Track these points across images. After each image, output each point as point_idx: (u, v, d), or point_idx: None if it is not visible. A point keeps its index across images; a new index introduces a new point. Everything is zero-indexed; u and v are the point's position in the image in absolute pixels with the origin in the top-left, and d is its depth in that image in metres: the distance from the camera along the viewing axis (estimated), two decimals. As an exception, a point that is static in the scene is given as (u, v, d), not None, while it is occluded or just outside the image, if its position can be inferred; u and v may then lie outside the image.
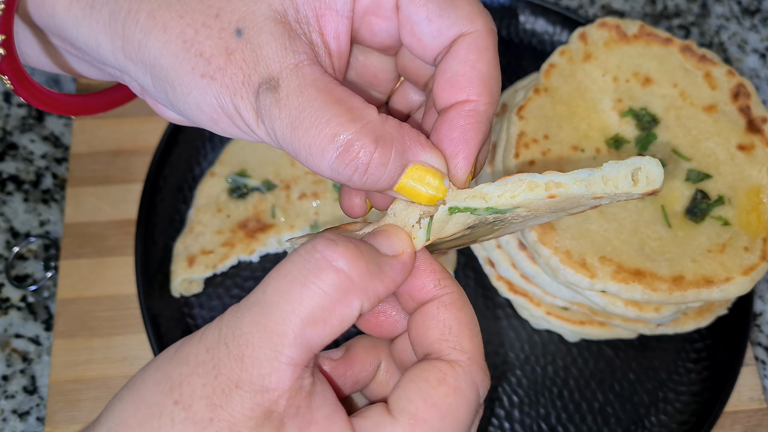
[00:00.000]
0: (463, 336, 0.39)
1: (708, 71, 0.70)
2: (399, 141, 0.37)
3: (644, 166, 0.39)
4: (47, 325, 0.75)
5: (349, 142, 0.35)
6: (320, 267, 0.35)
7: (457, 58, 0.40)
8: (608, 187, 0.40)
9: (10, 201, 0.80)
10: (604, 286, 0.61)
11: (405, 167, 0.37)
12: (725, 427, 0.71)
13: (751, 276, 0.62)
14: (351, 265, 0.35)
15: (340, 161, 0.36)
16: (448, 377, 0.37)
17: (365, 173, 0.36)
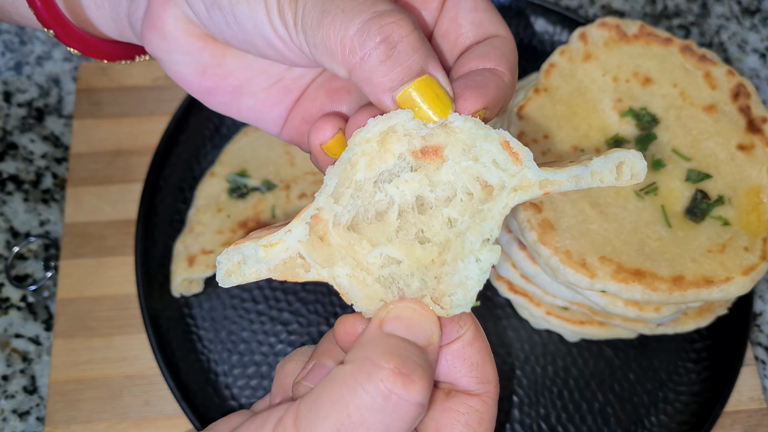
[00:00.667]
0: (486, 368, 0.41)
1: (708, 71, 0.70)
2: (428, 45, 0.37)
3: (628, 160, 0.41)
4: (47, 325, 0.75)
5: (388, 12, 0.36)
6: (403, 410, 0.36)
7: (489, 44, 0.41)
8: (594, 180, 0.41)
9: (10, 201, 0.80)
10: (604, 286, 0.61)
11: (422, 72, 0.37)
12: (725, 427, 0.71)
13: (751, 276, 0.62)
14: (427, 394, 0.36)
15: (373, 23, 0.35)
16: (484, 414, 0.40)
17: (392, 50, 0.36)
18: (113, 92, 0.85)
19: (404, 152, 0.43)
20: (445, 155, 0.42)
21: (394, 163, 0.43)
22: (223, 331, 0.73)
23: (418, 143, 0.43)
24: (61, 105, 0.86)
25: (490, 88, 0.39)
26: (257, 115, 0.47)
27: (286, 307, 0.74)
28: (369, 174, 0.43)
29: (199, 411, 0.68)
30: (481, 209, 0.43)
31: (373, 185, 0.43)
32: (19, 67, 0.88)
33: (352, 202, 0.43)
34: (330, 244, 0.43)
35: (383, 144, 0.43)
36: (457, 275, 0.43)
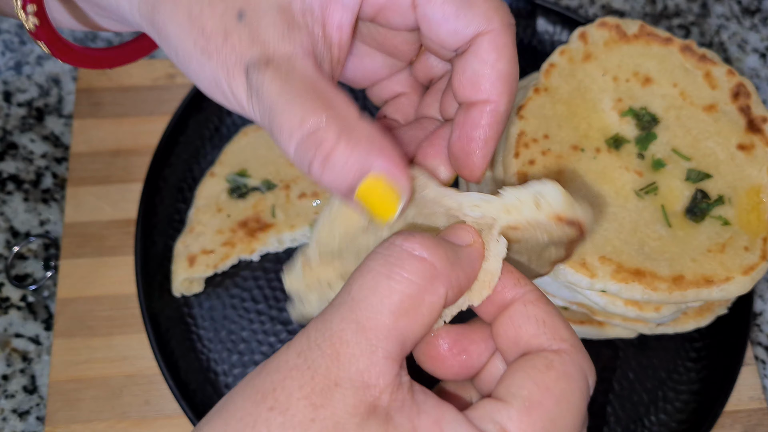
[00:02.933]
0: (558, 326, 0.38)
1: (708, 71, 0.70)
2: (369, 142, 0.36)
3: (543, 191, 0.39)
4: (47, 325, 0.75)
5: (316, 126, 0.36)
6: (402, 257, 0.35)
7: (477, 58, 0.40)
8: (512, 215, 0.40)
9: (10, 200, 0.81)
10: (604, 285, 0.61)
11: (366, 171, 0.37)
12: (725, 427, 0.72)
13: (751, 275, 0.62)
14: (431, 252, 0.35)
15: (305, 144, 0.36)
16: (556, 363, 0.36)
17: (325, 163, 0.36)
18: (113, 92, 0.85)
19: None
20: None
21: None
22: (223, 331, 0.73)
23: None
24: (61, 105, 0.86)
25: (490, 141, 0.41)
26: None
27: (286, 307, 0.75)
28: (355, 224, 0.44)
29: (199, 410, 0.68)
30: None
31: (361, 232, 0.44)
32: (19, 67, 0.88)
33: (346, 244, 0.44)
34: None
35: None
36: None
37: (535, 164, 0.64)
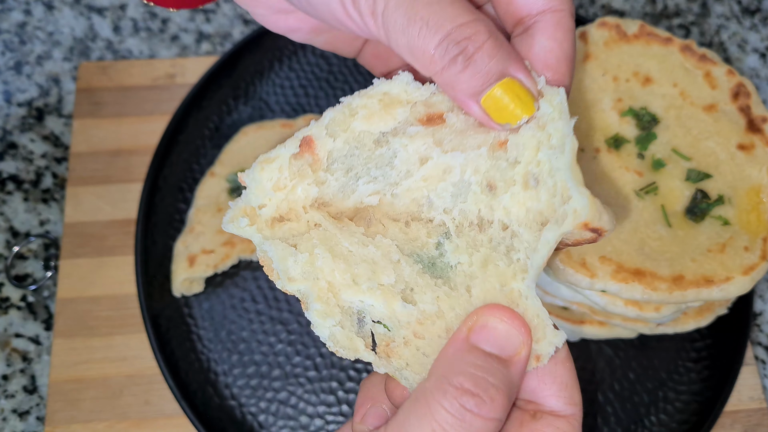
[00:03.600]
0: (575, 390, 0.41)
1: (708, 71, 0.70)
2: (509, 48, 0.39)
3: (572, 201, 0.40)
4: (47, 325, 0.75)
5: (467, 24, 0.38)
6: (482, 429, 0.38)
7: (545, 34, 0.42)
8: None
9: (10, 200, 0.80)
10: (604, 285, 0.61)
11: (503, 75, 0.39)
12: (725, 427, 0.71)
13: (751, 276, 0.62)
14: (502, 410, 0.38)
15: (452, 38, 0.38)
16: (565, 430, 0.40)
17: (469, 60, 0.38)
18: (113, 92, 0.85)
19: (408, 118, 0.44)
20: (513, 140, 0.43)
21: (394, 125, 0.44)
22: (222, 331, 0.73)
23: (422, 110, 0.44)
24: (61, 104, 0.86)
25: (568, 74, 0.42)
26: (334, 47, 0.51)
27: (285, 307, 0.74)
28: (367, 127, 0.44)
29: (199, 410, 0.68)
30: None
31: (373, 143, 0.44)
32: (19, 67, 0.88)
33: (347, 151, 0.44)
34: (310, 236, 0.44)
35: (386, 107, 0.44)
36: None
37: (535, 164, 0.64)
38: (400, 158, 0.45)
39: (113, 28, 0.91)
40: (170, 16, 0.92)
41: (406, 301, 0.43)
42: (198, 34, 0.91)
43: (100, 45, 0.90)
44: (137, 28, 0.91)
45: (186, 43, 0.91)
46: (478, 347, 0.40)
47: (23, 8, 0.92)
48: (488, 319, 0.40)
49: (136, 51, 0.90)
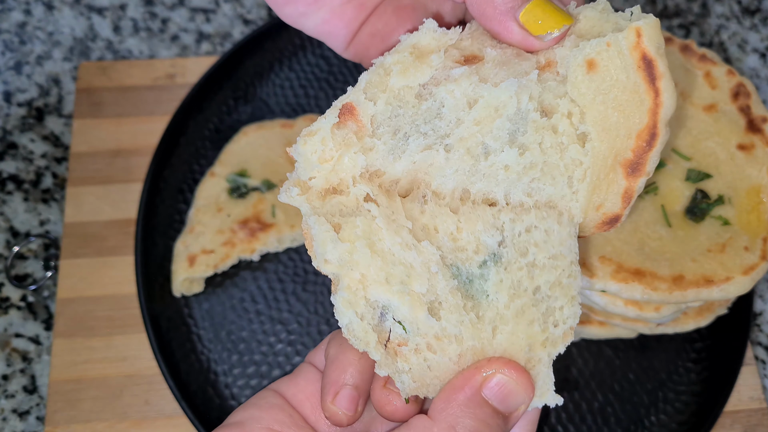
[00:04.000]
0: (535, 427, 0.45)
1: (708, 71, 0.70)
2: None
3: (635, 17, 0.41)
4: (47, 325, 0.75)
5: None
6: None
7: None
8: (591, 35, 0.42)
9: (10, 200, 0.80)
10: (604, 285, 0.61)
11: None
12: (725, 427, 0.71)
13: (751, 276, 0.62)
14: None
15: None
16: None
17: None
18: (113, 92, 0.85)
19: (445, 63, 0.44)
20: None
21: (431, 74, 0.43)
22: (222, 331, 0.73)
23: (457, 54, 0.43)
24: (61, 105, 0.86)
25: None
26: (328, 29, 0.49)
27: (285, 307, 0.74)
28: (405, 82, 0.43)
29: (199, 411, 0.68)
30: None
31: (416, 98, 0.43)
32: (19, 67, 0.88)
33: (390, 112, 0.43)
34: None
35: (419, 57, 0.43)
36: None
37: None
38: (448, 106, 0.43)
39: (113, 28, 0.91)
40: (170, 16, 0.92)
41: (432, 314, 0.43)
42: (198, 34, 0.91)
43: (100, 45, 0.90)
44: (137, 28, 0.91)
45: (186, 43, 0.91)
46: (489, 403, 0.41)
47: (23, 8, 0.92)
48: (504, 375, 0.41)
49: (136, 51, 0.90)
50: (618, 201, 0.43)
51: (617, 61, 0.41)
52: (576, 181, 0.43)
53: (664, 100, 0.41)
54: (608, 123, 0.42)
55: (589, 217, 0.44)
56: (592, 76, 0.42)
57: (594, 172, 0.43)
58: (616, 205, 0.43)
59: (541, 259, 0.43)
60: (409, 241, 0.43)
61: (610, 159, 0.43)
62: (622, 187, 0.43)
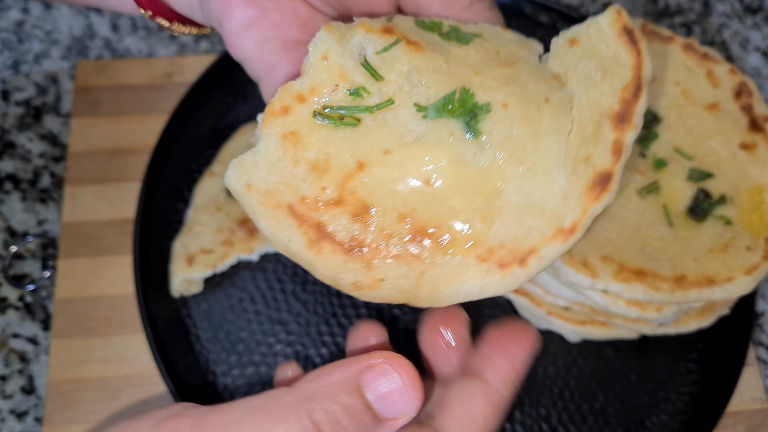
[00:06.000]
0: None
1: (710, 69, 0.69)
2: None
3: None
4: (45, 325, 0.74)
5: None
6: None
7: None
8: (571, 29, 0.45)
9: (8, 200, 0.80)
10: (606, 285, 0.61)
11: None
12: (727, 428, 0.71)
13: (753, 276, 0.62)
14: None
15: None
16: None
17: None
18: (111, 91, 0.84)
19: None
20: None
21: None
22: (221, 331, 0.73)
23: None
24: (59, 104, 0.85)
25: None
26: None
27: (284, 308, 0.74)
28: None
29: (198, 411, 0.68)
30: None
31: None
32: (17, 66, 0.88)
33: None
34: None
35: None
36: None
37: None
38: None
39: (111, 26, 0.91)
40: (169, 14, 0.92)
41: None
42: (197, 33, 0.91)
43: (98, 44, 0.89)
44: (135, 27, 0.91)
45: (184, 42, 0.90)
46: (364, 393, 0.37)
47: (21, 7, 0.91)
48: (393, 371, 0.38)
49: (134, 50, 0.89)
50: (608, 155, 0.40)
51: (597, 35, 0.43)
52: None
53: (645, 60, 0.42)
54: (592, 81, 0.42)
55: (580, 172, 0.41)
56: (574, 49, 0.44)
57: (580, 124, 0.41)
58: (606, 160, 0.40)
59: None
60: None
61: (596, 114, 0.41)
62: (610, 140, 0.41)
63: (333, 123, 0.41)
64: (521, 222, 0.40)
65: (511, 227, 0.40)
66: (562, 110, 0.42)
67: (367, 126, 0.41)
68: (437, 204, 0.41)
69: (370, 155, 0.41)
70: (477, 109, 0.41)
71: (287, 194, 0.41)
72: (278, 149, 0.41)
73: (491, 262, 0.40)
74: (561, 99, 0.42)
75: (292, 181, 0.41)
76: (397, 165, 0.41)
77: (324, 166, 0.41)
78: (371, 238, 0.40)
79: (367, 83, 0.42)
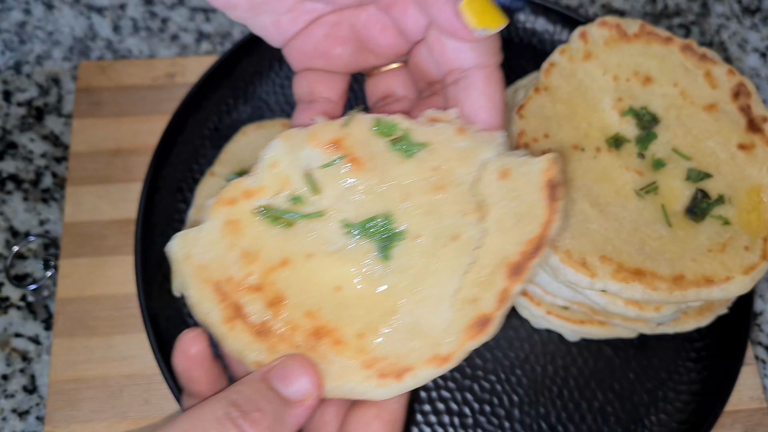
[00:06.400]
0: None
1: (708, 70, 0.70)
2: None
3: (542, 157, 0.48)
4: (47, 325, 0.75)
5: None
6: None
7: (477, 90, 0.48)
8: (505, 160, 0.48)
9: (10, 200, 0.80)
10: (605, 285, 0.61)
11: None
12: (725, 427, 0.72)
13: (751, 275, 0.62)
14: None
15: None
16: None
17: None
18: (113, 91, 0.85)
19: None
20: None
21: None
22: (222, 331, 0.73)
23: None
24: (60, 104, 0.86)
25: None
26: (264, 34, 0.54)
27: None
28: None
29: (199, 410, 0.68)
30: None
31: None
32: (18, 66, 0.88)
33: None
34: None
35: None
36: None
37: (536, 164, 0.64)
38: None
39: (113, 27, 0.91)
40: (170, 15, 0.92)
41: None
42: (198, 34, 0.91)
43: (99, 44, 0.90)
44: (137, 28, 0.91)
45: (186, 43, 0.91)
46: (269, 381, 0.43)
47: (23, 7, 0.92)
48: (291, 364, 0.44)
49: (135, 50, 0.90)
50: (494, 301, 0.45)
51: (526, 177, 0.47)
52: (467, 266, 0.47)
53: (556, 219, 0.46)
54: (505, 226, 0.46)
55: (466, 310, 0.45)
56: (503, 183, 0.47)
57: (480, 266, 0.46)
58: (491, 305, 0.45)
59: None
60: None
61: (497, 259, 0.46)
62: (500, 287, 0.45)
63: (269, 222, 0.48)
64: (406, 341, 0.45)
65: (397, 344, 0.45)
66: (466, 249, 0.46)
67: (298, 230, 0.47)
68: (340, 309, 0.46)
69: (295, 255, 0.47)
70: (393, 235, 0.47)
71: (217, 272, 0.47)
72: (219, 232, 0.48)
73: (373, 369, 0.44)
74: (470, 237, 0.46)
75: (224, 262, 0.47)
76: (315, 269, 0.47)
77: (254, 255, 0.47)
78: (279, 326, 0.46)
79: (306, 193, 0.48)
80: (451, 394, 0.70)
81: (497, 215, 0.47)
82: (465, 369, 0.71)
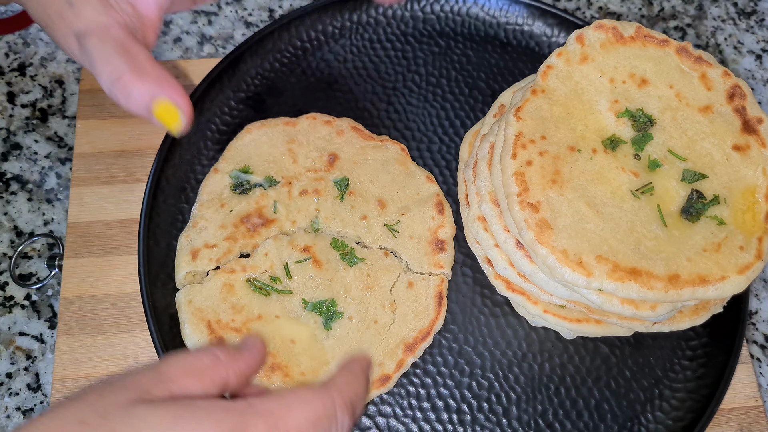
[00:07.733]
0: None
1: (704, 72, 0.70)
2: (157, 78, 0.53)
3: None
4: (51, 323, 0.76)
5: (121, 72, 0.52)
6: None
7: None
8: None
9: (15, 200, 0.81)
10: (601, 284, 0.62)
11: (155, 97, 0.52)
12: (721, 424, 0.72)
13: (746, 275, 0.63)
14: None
15: (114, 85, 0.53)
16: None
17: (127, 94, 0.52)
18: (116, 93, 0.85)
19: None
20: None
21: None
22: (224, 329, 0.74)
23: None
24: (64, 106, 0.86)
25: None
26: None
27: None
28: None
29: (202, 408, 0.69)
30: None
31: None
32: (23, 68, 0.89)
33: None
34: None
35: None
36: None
37: (532, 165, 0.65)
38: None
39: (116, 30, 0.92)
40: (173, 18, 0.93)
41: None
42: (200, 37, 0.92)
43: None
44: (140, 30, 0.92)
45: (188, 46, 0.91)
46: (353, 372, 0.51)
47: (27, 10, 0.92)
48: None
49: (138, 53, 0.90)
50: (393, 366, 0.68)
51: (425, 284, 0.72)
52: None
53: (441, 317, 0.71)
54: (407, 318, 0.70)
55: (375, 369, 0.68)
56: (409, 290, 0.71)
57: (389, 342, 0.69)
58: (391, 368, 0.68)
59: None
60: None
61: (398, 339, 0.69)
62: (398, 357, 0.69)
63: (255, 290, 0.70)
64: None
65: None
66: (382, 331, 0.69)
67: (273, 299, 0.69)
68: (291, 355, 0.67)
69: (267, 314, 0.68)
70: (335, 314, 0.69)
71: (210, 314, 0.68)
72: (218, 289, 0.70)
73: None
74: (385, 323, 0.69)
75: (217, 309, 0.69)
76: (279, 326, 0.68)
77: (239, 308, 0.69)
78: None
79: (282, 276, 0.70)
80: (449, 391, 0.71)
81: (402, 310, 0.70)
82: (464, 367, 0.72)
